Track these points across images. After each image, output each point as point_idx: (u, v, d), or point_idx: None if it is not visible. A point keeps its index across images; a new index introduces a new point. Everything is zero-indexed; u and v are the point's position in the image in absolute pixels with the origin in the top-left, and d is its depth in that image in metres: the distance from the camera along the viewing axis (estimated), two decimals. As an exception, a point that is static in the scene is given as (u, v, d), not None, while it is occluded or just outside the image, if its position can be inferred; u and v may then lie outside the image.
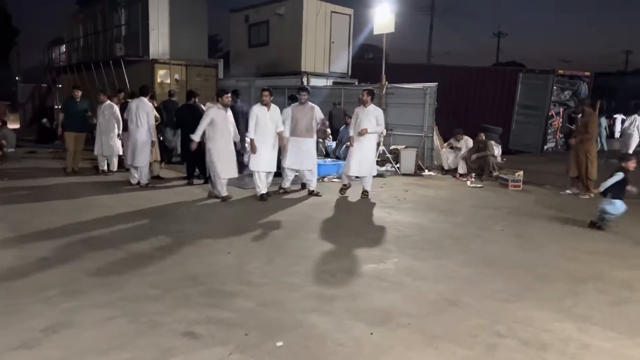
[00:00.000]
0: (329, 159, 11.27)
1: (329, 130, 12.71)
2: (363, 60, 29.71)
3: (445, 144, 11.91)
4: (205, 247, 5.27)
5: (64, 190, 8.26)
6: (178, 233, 5.78)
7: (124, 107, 9.68)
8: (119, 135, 9.71)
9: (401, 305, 3.88)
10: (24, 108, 25.53)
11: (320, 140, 12.62)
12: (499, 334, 3.44)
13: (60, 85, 22.43)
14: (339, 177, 10.10)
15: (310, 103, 8.20)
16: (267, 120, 7.68)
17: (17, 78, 35.29)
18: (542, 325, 3.60)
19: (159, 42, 16.41)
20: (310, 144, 8.14)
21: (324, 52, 15.17)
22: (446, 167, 11.48)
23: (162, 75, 16.04)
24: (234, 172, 7.71)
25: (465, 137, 11.64)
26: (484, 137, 11.29)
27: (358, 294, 4.11)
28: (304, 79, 14.28)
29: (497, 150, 12.20)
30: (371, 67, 17.16)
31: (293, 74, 14.83)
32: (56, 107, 19.95)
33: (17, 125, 24.14)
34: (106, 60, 17.63)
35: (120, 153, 10.02)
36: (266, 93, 7.67)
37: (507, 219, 7.04)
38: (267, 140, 7.75)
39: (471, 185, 9.83)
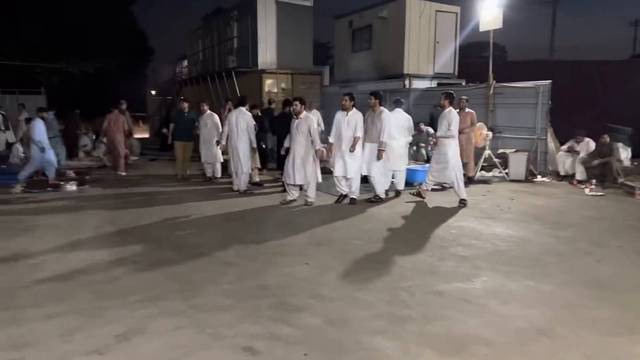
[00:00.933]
0: (429, 165, 10.75)
1: (432, 134, 12.18)
2: (480, 59, 28.30)
3: (563, 147, 10.83)
4: (284, 257, 5.23)
5: (170, 196, 8.79)
6: (263, 240, 5.82)
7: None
8: (218, 142, 10.16)
9: (481, 332, 3.48)
10: (153, 119, 28.00)
11: (422, 144, 12.17)
12: (595, 375, 2.93)
13: (182, 97, 24.27)
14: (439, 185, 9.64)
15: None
16: (344, 125, 7.68)
17: (152, 92, 38.90)
18: (654, 368, 3.00)
19: (266, 53, 17.01)
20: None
21: (427, 53, 14.62)
22: (562, 173, 10.43)
23: (269, 84, 16.60)
24: (299, 179, 7.77)
25: (587, 140, 10.50)
26: (608, 140, 10.07)
27: (435, 316, 3.77)
28: (406, 82, 13.88)
29: (624, 153, 10.84)
30: (482, 65, 16.24)
31: (395, 77, 14.49)
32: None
33: (147, 135, 26.58)
34: (220, 72, 18.69)
35: (221, 160, 10.48)
36: (345, 98, 7.73)
37: (628, 233, 6.14)
38: (343, 145, 7.74)
39: (590, 194, 8.78)
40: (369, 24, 15.86)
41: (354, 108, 7.76)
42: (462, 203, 7.77)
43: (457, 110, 9.85)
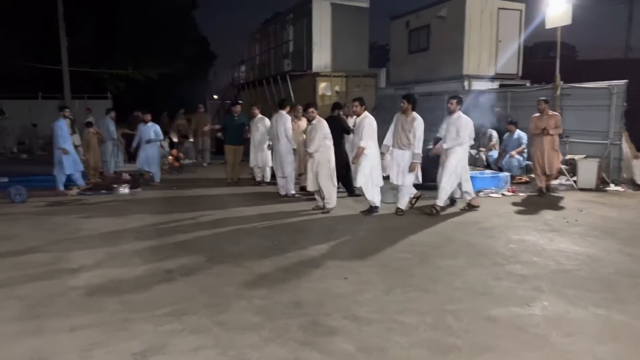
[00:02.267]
0: (489, 171, 10.11)
1: (495, 138, 11.41)
2: (547, 59, 26.88)
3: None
4: (323, 269, 4.91)
5: (216, 200, 8.69)
6: (302, 250, 5.54)
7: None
8: (269, 146, 10.00)
9: (538, 370, 3.01)
10: (212, 122, 28.53)
11: (482, 149, 11.49)
12: None
13: (241, 102, 24.60)
14: (498, 192, 9.01)
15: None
16: (355, 131, 7.51)
17: (215, 97, 39.77)
18: None
19: (321, 56, 16.83)
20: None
21: (489, 53, 13.84)
22: (639, 182, 9.45)
23: (323, 87, 16.39)
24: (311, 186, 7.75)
25: (667, 144, 9.47)
26: (693, 144, 9.03)
27: (483, 347, 3.31)
28: (466, 83, 13.20)
29: None
30: (549, 66, 15.27)
31: (454, 78, 13.83)
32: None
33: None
34: (276, 75, 18.69)
35: (271, 164, 10.32)
36: (355, 103, 7.44)
37: None
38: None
39: (672, 205, 7.87)
40: (426, 24, 15.28)
41: (365, 112, 7.38)
42: (434, 209, 7.36)
43: (537, 114, 9.10)
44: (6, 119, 18.25)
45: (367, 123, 7.24)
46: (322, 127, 7.56)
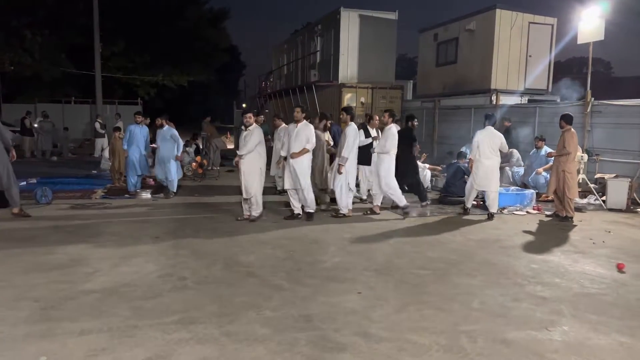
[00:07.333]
0: (514, 187, 9.87)
1: (516, 155, 11.19)
2: (580, 75, 26.40)
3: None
4: (337, 283, 4.82)
5: (235, 209, 8.64)
6: (318, 262, 5.47)
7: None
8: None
9: (554, 400, 2.86)
10: (237, 131, 28.81)
11: (508, 166, 11.24)
12: None
13: (267, 110, 24.78)
14: (522, 209, 8.77)
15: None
16: (293, 136, 7.73)
17: (244, 105, 40.19)
18: None
19: (347, 67, 16.81)
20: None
21: (518, 67, 13.62)
22: (673, 203, 9.09)
23: (348, 98, 16.33)
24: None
25: None
26: None
27: (497, 371, 3.18)
28: (493, 97, 12.97)
29: None
30: (581, 82, 14.95)
31: (481, 92, 13.63)
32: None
33: (231, 146, 27.38)
34: (302, 86, 18.76)
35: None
36: (298, 109, 7.86)
37: None
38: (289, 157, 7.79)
39: None
40: (455, 37, 15.15)
41: (305, 121, 7.82)
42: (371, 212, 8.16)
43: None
44: (48, 122, 18.81)
45: (310, 130, 7.78)
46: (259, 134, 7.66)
